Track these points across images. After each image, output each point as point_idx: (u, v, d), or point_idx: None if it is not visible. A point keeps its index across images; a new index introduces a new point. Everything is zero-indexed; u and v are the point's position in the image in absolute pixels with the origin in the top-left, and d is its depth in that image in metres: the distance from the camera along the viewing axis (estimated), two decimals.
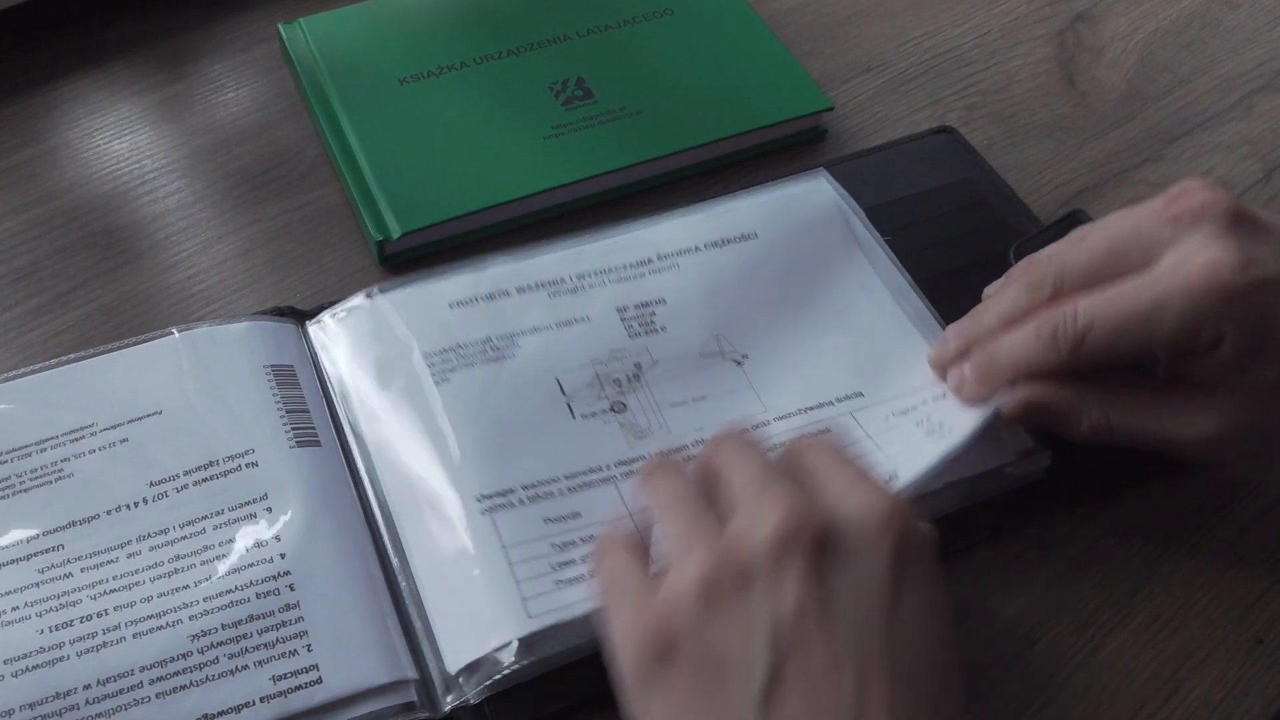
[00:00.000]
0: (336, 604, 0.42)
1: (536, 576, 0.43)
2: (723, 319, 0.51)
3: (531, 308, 0.51)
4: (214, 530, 0.44)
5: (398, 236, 0.55)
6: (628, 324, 0.50)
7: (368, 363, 0.49)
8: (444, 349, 0.49)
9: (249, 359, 0.49)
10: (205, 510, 0.44)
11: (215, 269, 0.56)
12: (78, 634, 0.41)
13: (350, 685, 0.40)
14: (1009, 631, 0.45)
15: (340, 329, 0.51)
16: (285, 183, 0.60)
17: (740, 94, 0.61)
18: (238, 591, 0.42)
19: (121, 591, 0.42)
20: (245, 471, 0.45)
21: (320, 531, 0.44)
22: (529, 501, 0.45)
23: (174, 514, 0.44)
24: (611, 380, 0.49)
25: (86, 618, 0.41)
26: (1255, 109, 0.65)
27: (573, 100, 0.60)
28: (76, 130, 0.62)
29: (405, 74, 0.61)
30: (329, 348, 0.50)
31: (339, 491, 0.46)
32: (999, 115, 0.64)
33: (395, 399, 0.48)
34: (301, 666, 0.40)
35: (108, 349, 0.49)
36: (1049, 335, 0.43)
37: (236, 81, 0.64)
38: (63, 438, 0.46)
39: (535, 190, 0.57)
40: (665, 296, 0.51)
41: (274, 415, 0.47)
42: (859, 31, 0.69)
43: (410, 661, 0.42)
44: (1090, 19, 0.70)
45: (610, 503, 0.45)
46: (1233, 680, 0.44)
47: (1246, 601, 0.46)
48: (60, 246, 0.56)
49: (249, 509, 0.44)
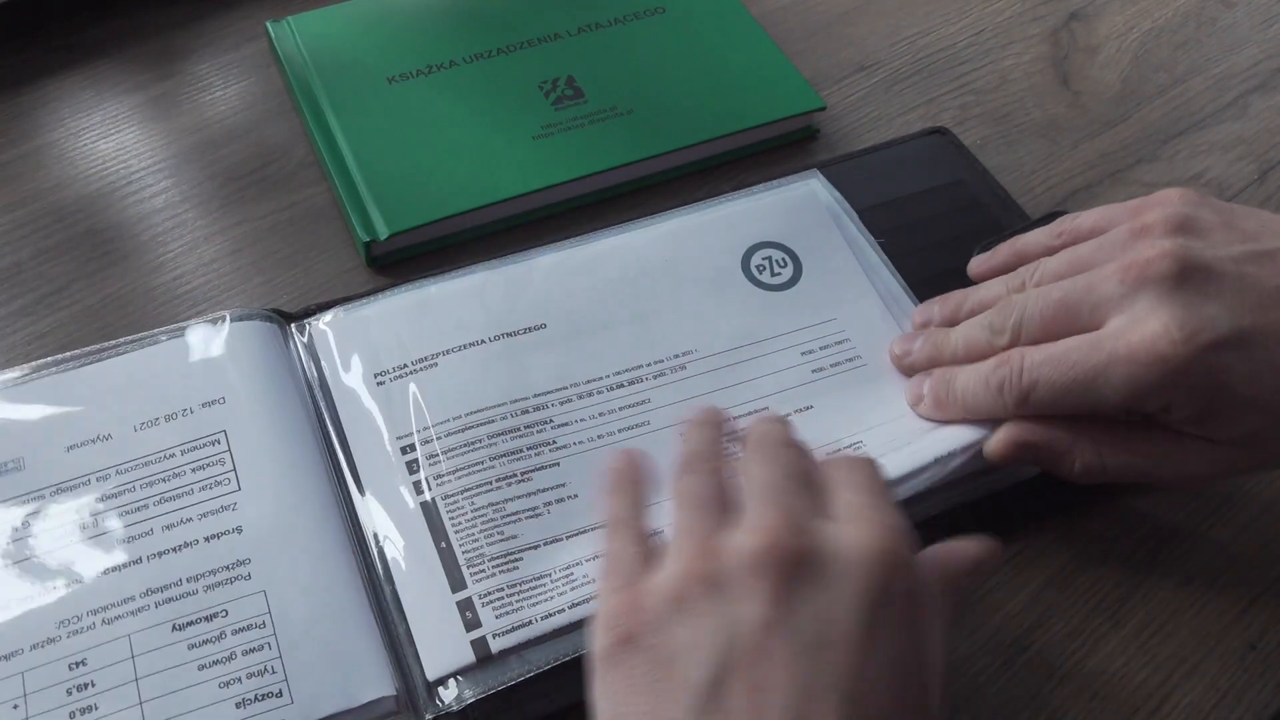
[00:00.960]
0: (310, 614, 0.42)
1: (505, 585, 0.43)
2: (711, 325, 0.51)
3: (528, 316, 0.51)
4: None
5: (385, 238, 0.54)
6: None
7: (354, 366, 0.49)
8: (431, 353, 0.49)
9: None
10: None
11: (202, 270, 0.55)
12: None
13: (323, 707, 0.40)
14: (999, 638, 0.45)
15: (327, 332, 0.50)
16: (273, 183, 0.59)
17: (732, 93, 0.61)
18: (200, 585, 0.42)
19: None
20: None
21: (294, 533, 0.44)
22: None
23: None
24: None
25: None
26: (1250, 109, 0.65)
27: (563, 100, 0.60)
28: (62, 129, 0.61)
29: (394, 73, 0.61)
30: (316, 350, 0.50)
31: (317, 495, 0.45)
32: (992, 115, 0.64)
33: (382, 402, 0.48)
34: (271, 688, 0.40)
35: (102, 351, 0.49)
36: (996, 387, 0.44)
37: (224, 80, 0.64)
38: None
39: (524, 191, 0.56)
40: (658, 308, 0.51)
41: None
42: (851, 30, 0.68)
43: (389, 675, 0.41)
44: (1085, 18, 0.70)
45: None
46: (1225, 686, 0.44)
47: (1239, 607, 0.46)
48: (45, 247, 0.56)
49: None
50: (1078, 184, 0.61)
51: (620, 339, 0.50)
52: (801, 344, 0.50)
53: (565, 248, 0.54)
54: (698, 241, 0.53)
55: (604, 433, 0.47)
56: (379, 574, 0.44)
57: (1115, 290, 0.42)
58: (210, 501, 0.44)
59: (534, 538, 0.44)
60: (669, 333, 0.50)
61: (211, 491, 0.44)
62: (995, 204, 0.57)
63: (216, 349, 0.49)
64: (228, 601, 0.42)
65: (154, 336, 0.49)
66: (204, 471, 0.45)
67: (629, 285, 0.52)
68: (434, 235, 0.55)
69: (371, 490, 0.46)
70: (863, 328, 0.51)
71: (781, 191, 0.56)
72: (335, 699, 0.40)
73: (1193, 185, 0.61)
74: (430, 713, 0.41)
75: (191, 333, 0.49)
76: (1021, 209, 0.58)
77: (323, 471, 0.46)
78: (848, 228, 0.54)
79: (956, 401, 0.46)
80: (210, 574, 0.42)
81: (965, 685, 0.44)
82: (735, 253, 0.53)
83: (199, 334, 0.49)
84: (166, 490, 0.44)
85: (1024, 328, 0.44)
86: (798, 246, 0.53)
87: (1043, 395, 0.43)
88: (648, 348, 0.50)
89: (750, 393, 0.49)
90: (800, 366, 0.50)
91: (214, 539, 0.43)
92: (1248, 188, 0.61)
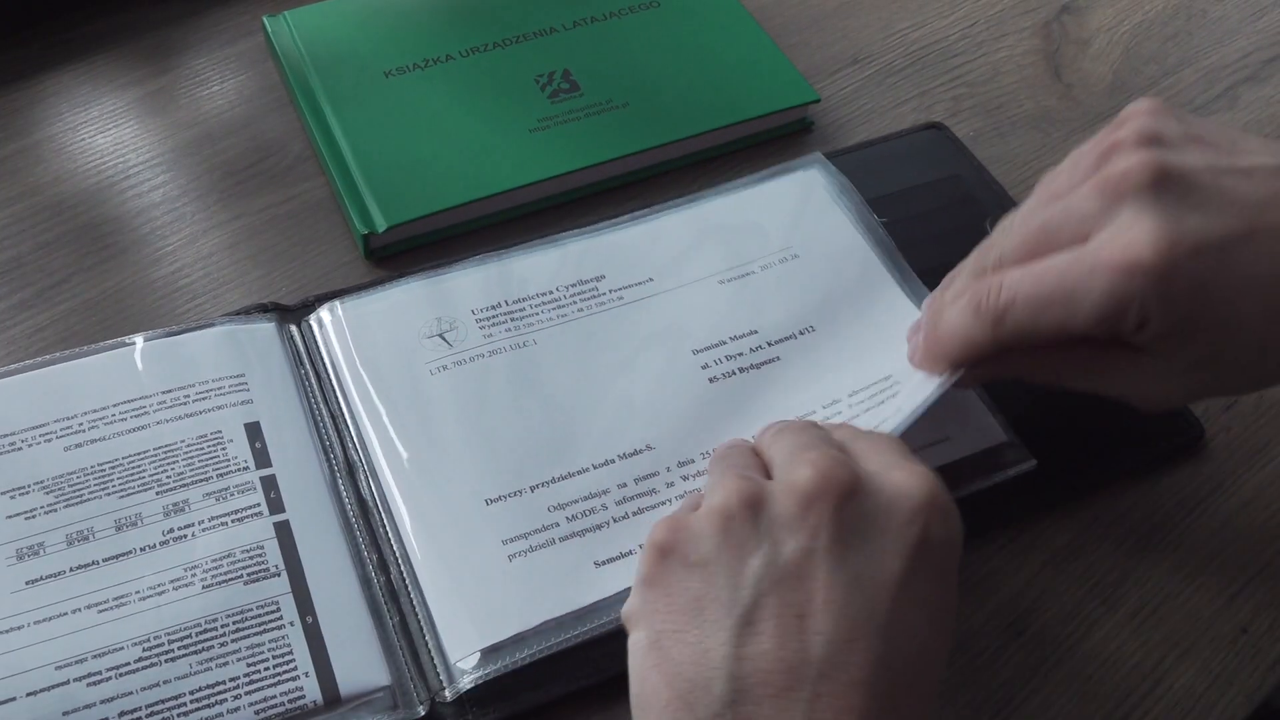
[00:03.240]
0: (313, 603, 0.42)
1: (532, 572, 0.43)
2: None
3: (544, 307, 0.51)
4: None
5: (383, 230, 0.54)
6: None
7: (365, 356, 0.49)
8: (448, 344, 0.49)
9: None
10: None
11: (200, 263, 0.55)
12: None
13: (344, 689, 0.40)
14: (995, 621, 0.45)
15: (327, 323, 0.51)
16: (270, 177, 0.59)
17: (727, 86, 0.61)
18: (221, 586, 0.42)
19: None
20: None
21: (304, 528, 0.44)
22: (532, 494, 0.45)
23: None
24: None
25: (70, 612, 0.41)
26: (1241, 100, 0.65)
27: (559, 93, 0.60)
28: (60, 124, 0.62)
29: (390, 67, 0.61)
30: (324, 341, 0.50)
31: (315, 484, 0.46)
32: (985, 107, 0.64)
33: (393, 392, 0.48)
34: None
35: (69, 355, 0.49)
36: (974, 307, 0.42)
37: (221, 75, 0.64)
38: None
39: (521, 184, 0.56)
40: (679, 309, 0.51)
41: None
42: (845, 23, 0.69)
43: (385, 666, 0.41)
44: (1076, 11, 0.70)
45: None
46: (1217, 669, 0.44)
47: (1230, 591, 0.46)
48: (44, 241, 0.56)
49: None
50: None
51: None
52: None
53: (565, 242, 0.54)
54: (710, 233, 0.54)
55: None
56: (373, 564, 0.44)
57: (1094, 206, 0.40)
58: (223, 492, 0.44)
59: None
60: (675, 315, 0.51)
61: (223, 481, 0.45)
62: (990, 198, 0.58)
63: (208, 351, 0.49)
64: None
65: (130, 343, 0.49)
66: (211, 465, 0.45)
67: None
68: (432, 228, 0.56)
69: (377, 480, 0.46)
70: (877, 308, 0.51)
71: (786, 178, 0.56)
72: (350, 684, 0.40)
73: None
74: (451, 691, 0.41)
75: (169, 341, 0.49)
76: (1016, 203, 0.58)
77: (322, 460, 0.46)
78: (852, 211, 0.55)
79: (945, 333, 0.43)
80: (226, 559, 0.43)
81: (961, 667, 0.44)
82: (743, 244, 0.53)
83: (179, 341, 0.49)
84: (172, 482, 0.45)
85: (1005, 255, 0.42)
86: (806, 234, 0.54)
87: (1020, 314, 0.40)
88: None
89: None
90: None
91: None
92: None
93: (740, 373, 0.49)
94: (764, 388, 0.48)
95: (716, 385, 0.48)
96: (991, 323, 0.41)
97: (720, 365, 0.49)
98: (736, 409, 0.48)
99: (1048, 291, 0.40)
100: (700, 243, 0.54)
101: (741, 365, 0.49)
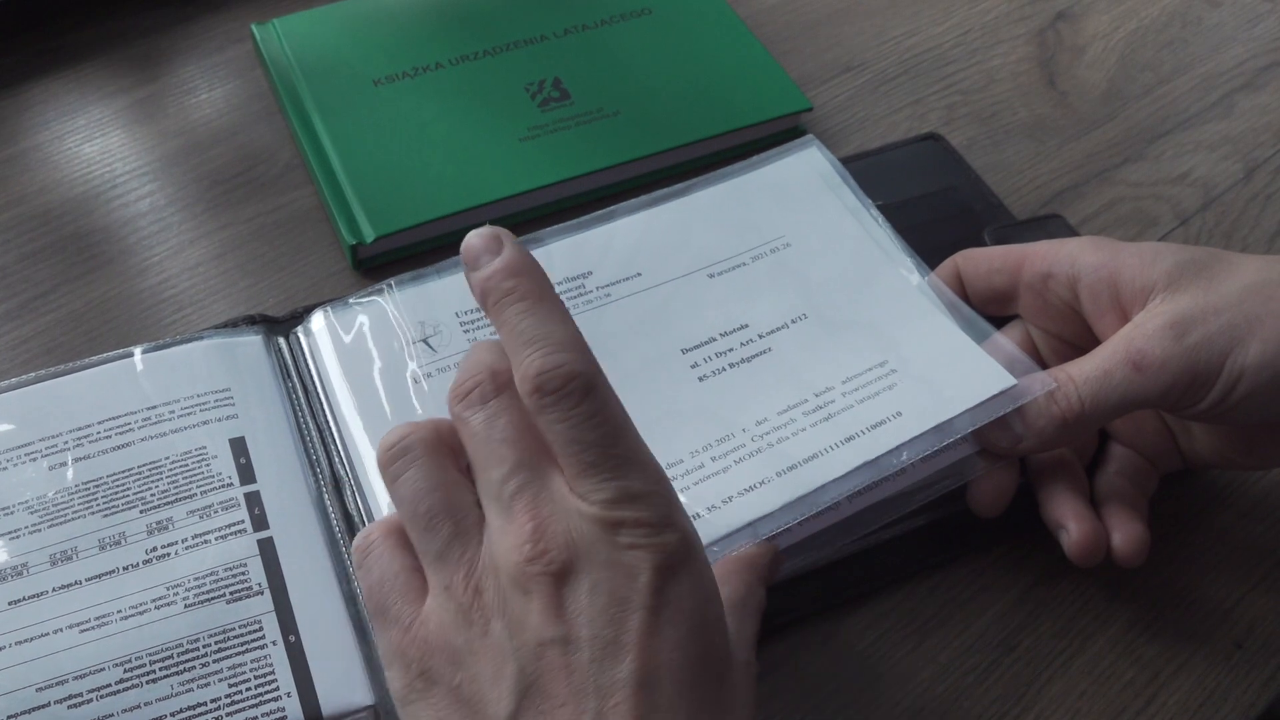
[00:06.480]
0: (302, 622, 0.42)
1: None
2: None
3: None
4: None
5: (371, 240, 0.54)
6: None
7: (349, 368, 0.49)
8: (433, 350, 0.49)
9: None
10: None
11: (187, 274, 0.55)
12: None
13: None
14: (987, 638, 0.45)
15: (322, 335, 0.50)
16: (258, 186, 0.59)
17: (718, 95, 0.61)
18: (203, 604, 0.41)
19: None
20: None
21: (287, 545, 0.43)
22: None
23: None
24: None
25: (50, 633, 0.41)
26: (1236, 108, 0.65)
27: (549, 101, 0.60)
28: (47, 133, 0.61)
29: (380, 75, 0.61)
30: (311, 353, 0.50)
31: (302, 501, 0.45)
32: (979, 115, 0.64)
33: (379, 405, 0.47)
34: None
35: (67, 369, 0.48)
36: None
37: (209, 83, 0.64)
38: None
39: (511, 193, 0.56)
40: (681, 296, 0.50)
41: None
42: (838, 31, 0.68)
43: (368, 686, 0.41)
44: (1071, 17, 0.70)
45: None
46: (1212, 685, 0.44)
47: (1225, 606, 0.46)
48: (29, 251, 0.56)
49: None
50: (1065, 184, 0.61)
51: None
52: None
53: (549, 239, 0.53)
54: (705, 220, 0.53)
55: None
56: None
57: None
58: (207, 510, 0.44)
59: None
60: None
61: (207, 499, 0.44)
62: (987, 210, 0.57)
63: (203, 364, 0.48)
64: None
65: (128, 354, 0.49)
66: (195, 482, 0.45)
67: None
68: (420, 238, 0.55)
69: (364, 496, 0.46)
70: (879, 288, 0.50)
71: (779, 162, 0.55)
72: (332, 704, 0.40)
73: (1179, 184, 0.61)
74: None
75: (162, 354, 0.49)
76: (1013, 215, 0.58)
77: (309, 475, 0.46)
78: (846, 195, 0.54)
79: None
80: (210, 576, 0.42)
81: (953, 685, 0.44)
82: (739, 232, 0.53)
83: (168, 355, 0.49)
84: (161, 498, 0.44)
85: None
86: (801, 215, 0.53)
87: None
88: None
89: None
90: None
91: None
92: (1234, 186, 0.61)
93: (730, 368, 0.48)
94: (754, 380, 0.48)
95: (706, 384, 0.48)
96: None
97: (710, 363, 0.48)
98: (725, 405, 0.47)
99: None
100: (690, 236, 0.53)
101: (732, 361, 0.49)
